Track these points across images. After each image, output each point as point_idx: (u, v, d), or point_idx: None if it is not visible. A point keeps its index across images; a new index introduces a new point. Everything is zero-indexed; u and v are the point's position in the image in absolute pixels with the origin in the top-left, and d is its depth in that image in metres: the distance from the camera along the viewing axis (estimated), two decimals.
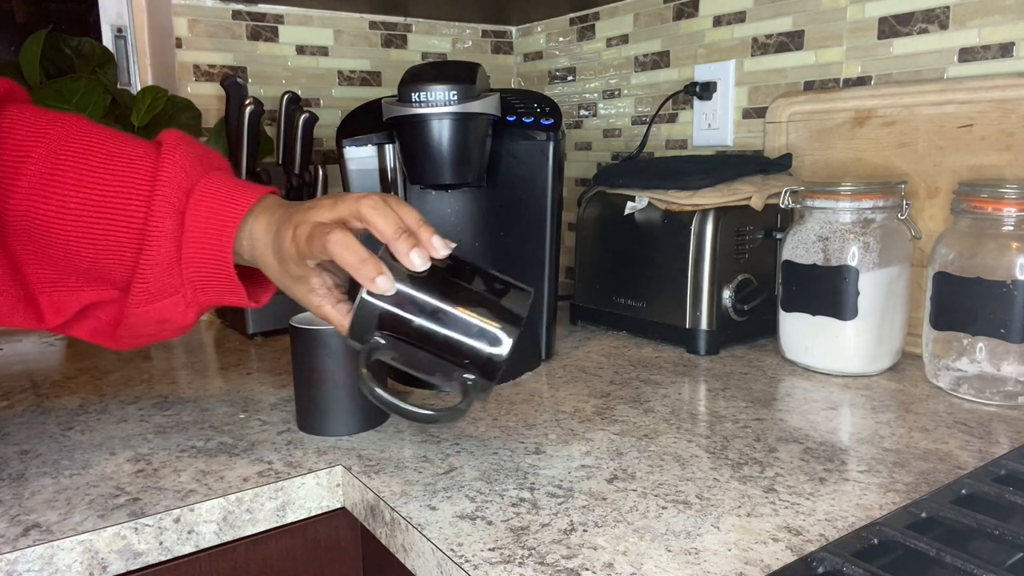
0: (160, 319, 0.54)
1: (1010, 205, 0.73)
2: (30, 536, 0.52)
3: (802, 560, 0.45)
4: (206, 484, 0.60)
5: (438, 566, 0.50)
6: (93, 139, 0.51)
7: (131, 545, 0.55)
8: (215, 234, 0.53)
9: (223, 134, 1.15)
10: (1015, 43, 0.84)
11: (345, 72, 1.34)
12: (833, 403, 0.76)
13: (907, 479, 0.58)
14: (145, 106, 1.11)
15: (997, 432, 0.67)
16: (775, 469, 0.60)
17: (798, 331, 0.87)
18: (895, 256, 0.83)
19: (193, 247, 0.53)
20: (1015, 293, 0.72)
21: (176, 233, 0.52)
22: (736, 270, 0.95)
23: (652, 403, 0.77)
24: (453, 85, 0.80)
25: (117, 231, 0.51)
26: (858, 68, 0.98)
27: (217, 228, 0.53)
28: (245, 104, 1.06)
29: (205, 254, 0.53)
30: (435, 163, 0.83)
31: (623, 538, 0.50)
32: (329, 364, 0.68)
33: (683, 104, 1.22)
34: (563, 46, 1.43)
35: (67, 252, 0.51)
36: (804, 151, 1.03)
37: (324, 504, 0.63)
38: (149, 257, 0.51)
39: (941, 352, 0.79)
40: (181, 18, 1.18)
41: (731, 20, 1.13)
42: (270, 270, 0.55)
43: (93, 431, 0.72)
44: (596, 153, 1.39)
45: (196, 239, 0.53)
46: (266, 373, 0.89)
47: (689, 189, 0.94)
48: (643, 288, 1.00)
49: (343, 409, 0.69)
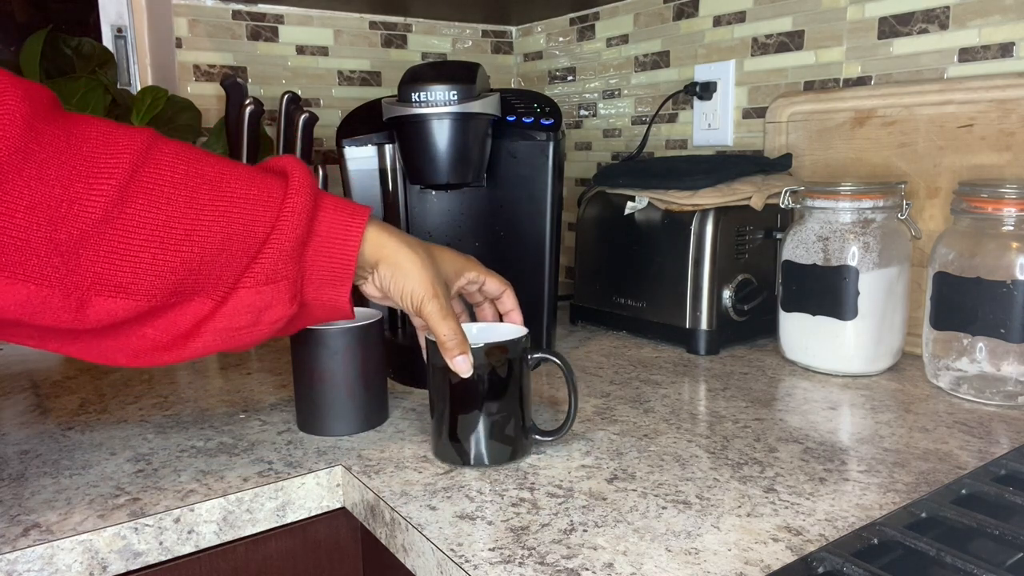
0: (263, 306, 0.52)
1: (1010, 205, 0.73)
2: (30, 536, 0.52)
3: (802, 560, 0.45)
4: (206, 484, 0.60)
5: (438, 566, 0.50)
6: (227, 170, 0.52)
7: (131, 545, 0.55)
8: (342, 228, 0.55)
9: (223, 134, 1.15)
10: (1015, 43, 0.84)
11: (345, 72, 1.34)
12: (833, 403, 0.76)
13: (907, 479, 0.58)
14: (145, 106, 1.11)
15: (997, 432, 0.67)
16: (775, 469, 0.60)
17: (798, 331, 0.87)
18: (895, 256, 0.83)
19: (319, 239, 0.54)
20: (1015, 293, 0.72)
21: (306, 227, 0.53)
22: (736, 270, 0.95)
23: (652, 403, 0.77)
24: (453, 85, 0.80)
25: (246, 229, 0.51)
26: (858, 68, 0.98)
27: (344, 223, 0.55)
28: (245, 104, 1.06)
29: (330, 245, 0.55)
30: (435, 163, 0.83)
31: (623, 538, 0.50)
32: (329, 364, 0.68)
33: (683, 104, 1.22)
34: (563, 46, 1.43)
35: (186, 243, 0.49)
36: (804, 151, 1.03)
37: (324, 504, 0.63)
38: (276, 241, 0.51)
39: (941, 352, 0.79)
40: (181, 18, 1.18)
41: (731, 20, 1.13)
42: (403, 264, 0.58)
43: (93, 431, 0.72)
44: (596, 153, 1.39)
45: (324, 232, 0.54)
46: (266, 373, 0.89)
47: (689, 189, 0.94)
48: (643, 288, 1.00)
49: (343, 409, 0.69)
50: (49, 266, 0.44)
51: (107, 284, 0.45)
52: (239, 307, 0.51)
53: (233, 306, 0.50)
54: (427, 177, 0.85)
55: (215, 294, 0.50)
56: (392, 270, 0.58)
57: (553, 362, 0.64)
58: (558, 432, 0.65)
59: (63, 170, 0.43)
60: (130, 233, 0.46)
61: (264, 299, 0.52)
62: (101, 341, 0.50)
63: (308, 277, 0.55)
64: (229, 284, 0.50)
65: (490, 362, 0.61)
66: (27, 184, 0.42)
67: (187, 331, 0.51)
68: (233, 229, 0.49)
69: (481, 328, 0.68)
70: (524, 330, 0.65)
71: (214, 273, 0.49)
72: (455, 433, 0.62)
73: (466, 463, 0.62)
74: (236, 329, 0.52)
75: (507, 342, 0.62)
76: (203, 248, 0.48)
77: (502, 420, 0.62)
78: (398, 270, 0.58)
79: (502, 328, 0.67)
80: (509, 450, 0.62)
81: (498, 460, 0.62)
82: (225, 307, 0.50)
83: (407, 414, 0.75)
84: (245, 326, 0.52)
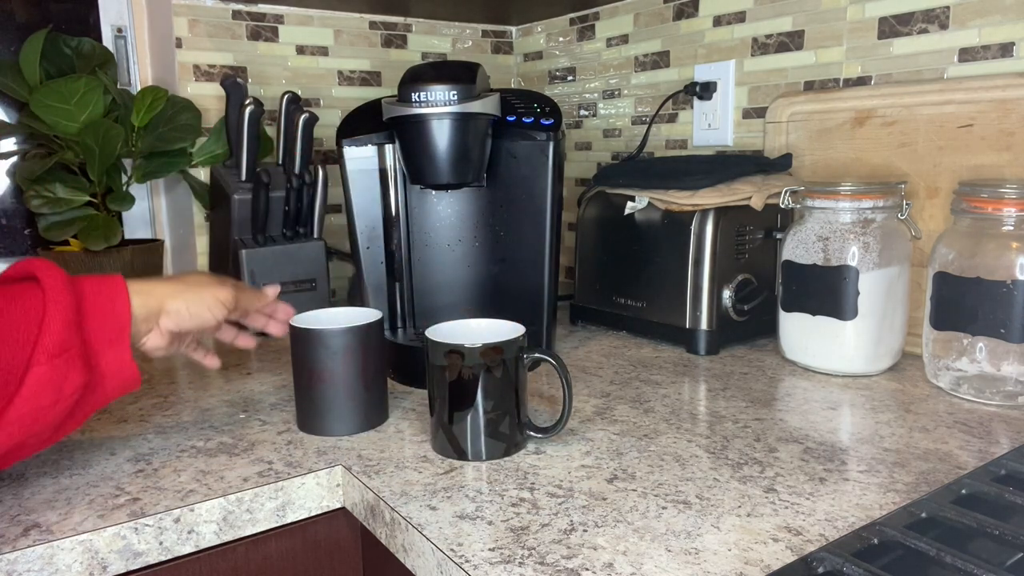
0: (59, 379, 0.55)
1: (1010, 205, 0.73)
2: (30, 536, 0.52)
3: (802, 560, 0.45)
4: (206, 484, 0.60)
5: (438, 566, 0.50)
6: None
7: (131, 545, 0.55)
8: (108, 290, 0.59)
9: (223, 134, 1.15)
10: (1015, 43, 0.84)
11: (345, 72, 1.34)
12: (833, 403, 0.76)
13: (907, 479, 0.58)
14: (145, 106, 1.11)
15: (997, 432, 0.67)
16: (775, 469, 0.60)
17: (798, 331, 0.87)
18: (895, 256, 0.83)
19: (90, 306, 0.58)
20: (1015, 293, 0.72)
21: (74, 299, 0.56)
22: (736, 270, 0.95)
23: (652, 403, 0.77)
24: (453, 85, 0.80)
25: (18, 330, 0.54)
26: (858, 68, 0.98)
27: (107, 286, 0.59)
28: (245, 104, 1.06)
29: (102, 308, 0.58)
30: (435, 163, 0.83)
31: (623, 538, 0.50)
32: (329, 364, 0.68)
33: (683, 104, 1.22)
34: (563, 46, 1.43)
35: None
36: (804, 151, 1.03)
37: (324, 504, 0.63)
38: (54, 317, 0.54)
39: (941, 352, 0.79)
40: (181, 18, 1.18)
41: (731, 20, 1.13)
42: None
43: (93, 431, 0.72)
44: (596, 153, 1.39)
45: (92, 299, 0.58)
46: (266, 373, 0.89)
47: (689, 189, 0.94)
48: (643, 288, 1.00)
49: (343, 409, 0.69)
50: None
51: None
52: (37, 386, 0.53)
53: (31, 387, 0.53)
54: (427, 177, 0.84)
55: (9, 385, 0.52)
56: (181, 304, 0.64)
57: (549, 362, 0.65)
58: (553, 429, 0.66)
59: None
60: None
61: (59, 371, 0.54)
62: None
63: (91, 342, 0.57)
64: (23, 367, 0.53)
65: (486, 361, 0.62)
66: None
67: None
68: (5, 331, 0.52)
69: (480, 327, 0.69)
70: (521, 330, 0.66)
71: (2, 368, 0.52)
72: (452, 429, 0.63)
73: (462, 458, 0.63)
74: (41, 409, 0.54)
75: (502, 343, 0.63)
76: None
77: (497, 417, 0.63)
78: (184, 300, 0.64)
79: (501, 327, 0.68)
80: (503, 446, 0.64)
81: (493, 455, 0.64)
82: (24, 389, 0.53)
83: (407, 414, 0.75)
84: (48, 404, 0.54)
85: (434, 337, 0.64)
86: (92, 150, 1.04)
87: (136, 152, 1.12)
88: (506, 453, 0.64)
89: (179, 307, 0.64)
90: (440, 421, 0.64)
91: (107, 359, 0.58)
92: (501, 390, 0.63)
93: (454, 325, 0.69)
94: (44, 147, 1.10)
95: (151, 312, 0.62)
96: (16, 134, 1.13)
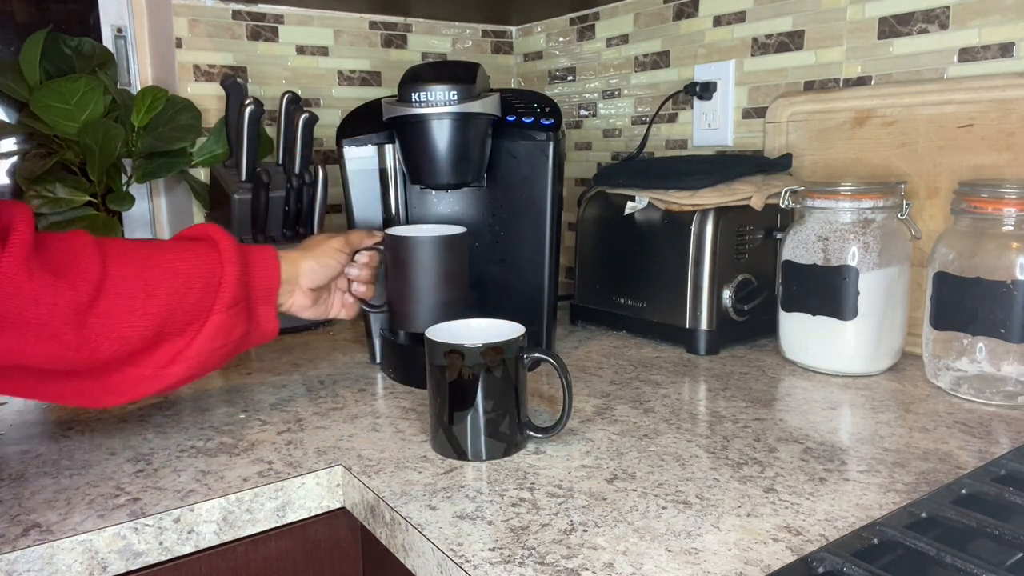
0: (229, 327, 0.67)
1: (1010, 205, 0.73)
2: (30, 536, 0.52)
3: (802, 560, 0.45)
4: (206, 484, 0.60)
5: (438, 566, 0.50)
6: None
7: (131, 545, 0.55)
8: (265, 259, 0.71)
9: (223, 134, 1.15)
10: (1015, 43, 0.84)
11: (345, 72, 1.34)
12: (833, 403, 0.76)
13: (907, 479, 0.58)
14: (145, 106, 1.11)
15: (997, 432, 0.67)
16: (775, 469, 0.60)
17: (798, 331, 0.87)
18: (895, 256, 0.83)
19: (252, 270, 0.70)
20: (1015, 293, 0.72)
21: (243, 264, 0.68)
22: (736, 270, 0.95)
23: (652, 403, 0.77)
24: (453, 85, 0.80)
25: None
26: (858, 68, 0.98)
27: (265, 255, 0.72)
28: (245, 104, 1.06)
29: (260, 272, 0.70)
30: (435, 163, 0.83)
31: (623, 538, 0.50)
32: (418, 267, 0.78)
33: (683, 104, 1.22)
34: (563, 46, 1.43)
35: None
36: (804, 151, 1.03)
37: (324, 504, 0.63)
38: (229, 277, 0.66)
39: (941, 352, 0.79)
40: (181, 18, 1.18)
41: (731, 20, 1.13)
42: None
43: (93, 431, 0.72)
44: (596, 153, 1.39)
45: (253, 265, 0.70)
46: (266, 373, 0.89)
47: (689, 189, 0.94)
48: (643, 288, 1.00)
49: (427, 304, 0.78)
50: (68, 332, 0.57)
51: (107, 338, 0.59)
52: (215, 330, 0.65)
53: (209, 330, 0.65)
54: (427, 177, 0.84)
55: (195, 325, 0.64)
56: (311, 262, 0.75)
57: (549, 362, 0.64)
58: (553, 429, 0.66)
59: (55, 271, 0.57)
60: (117, 301, 0.60)
61: (230, 320, 0.66)
62: (96, 381, 0.62)
63: (251, 298, 0.69)
64: (206, 314, 0.65)
65: (486, 361, 0.62)
66: (37, 283, 0.56)
67: (167, 362, 0.64)
68: (192, 281, 0.64)
69: (480, 327, 0.69)
70: (521, 330, 0.66)
71: (189, 314, 0.63)
72: (452, 429, 0.63)
73: (462, 458, 0.63)
74: (212, 350, 0.65)
75: (503, 343, 0.63)
76: (170, 299, 0.62)
77: (497, 417, 0.63)
78: (312, 257, 0.75)
79: (501, 327, 0.68)
80: (503, 446, 0.64)
81: (493, 455, 0.63)
82: (204, 332, 0.65)
83: (407, 414, 0.75)
84: (219, 346, 0.66)
85: (434, 337, 0.64)
86: (92, 150, 1.04)
87: (136, 152, 1.12)
88: (506, 453, 0.64)
89: (311, 264, 0.74)
90: (440, 421, 0.64)
91: (259, 314, 0.70)
92: (501, 390, 0.63)
93: (454, 325, 0.69)
94: (44, 147, 1.10)
95: (291, 275, 0.73)
96: (16, 134, 1.13)
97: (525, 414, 0.66)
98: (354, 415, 0.75)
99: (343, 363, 0.93)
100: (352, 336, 1.05)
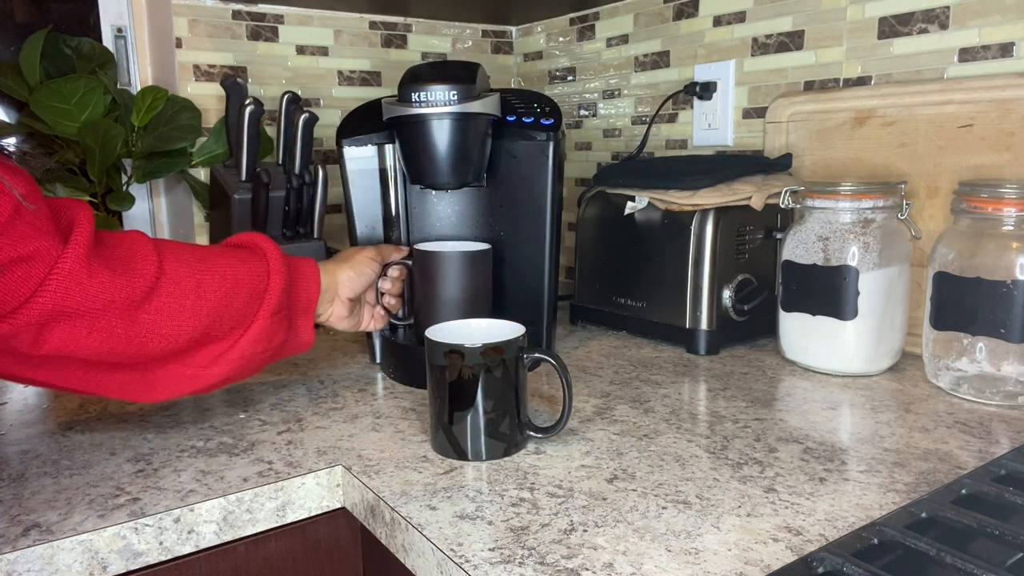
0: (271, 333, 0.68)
1: (1010, 205, 0.73)
2: (30, 536, 0.52)
3: (802, 560, 0.45)
4: (206, 484, 0.60)
5: (438, 566, 0.50)
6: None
7: (131, 545, 0.55)
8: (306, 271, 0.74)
9: (223, 134, 1.15)
10: (1015, 43, 0.84)
11: (345, 72, 1.34)
12: (833, 403, 0.76)
13: (907, 479, 0.58)
14: (145, 106, 1.11)
15: (997, 432, 0.67)
16: (775, 469, 0.60)
17: (798, 331, 0.87)
18: (895, 256, 0.83)
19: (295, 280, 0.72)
20: (1015, 293, 0.72)
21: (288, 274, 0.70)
22: (736, 270, 0.95)
23: (652, 403, 0.77)
24: (453, 85, 0.80)
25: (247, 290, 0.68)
26: (858, 68, 0.98)
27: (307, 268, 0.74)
28: (245, 104, 1.06)
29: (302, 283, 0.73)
30: (435, 163, 0.83)
31: (623, 538, 0.50)
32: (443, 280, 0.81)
33: (683, 104, 1.22)
34: (563, 46, 1.43)
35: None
36: (804, 151, 1.03)
37: (324, 504, 0.63)
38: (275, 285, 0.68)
39: (941, 352, 0.79)
40: (181, 18, 1.18)
41: (731, 20, 1.13)
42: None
43: (93, 431, 0.72)
44: (596, 153, 1.39)
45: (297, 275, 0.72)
46: (266, 373, 0.89)
47: (689, 189, 0.94)
48: (643, 288, 1.00)
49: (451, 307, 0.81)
50: (120, 325, 0.59)
51: (157, 334, 0.61)
52: (258, 334, 0.67)
53: (253, 334, 0.66)
54: (427, 177, 0.84)
55: (239, 329, 0.66)
56: (349, 272, 0.77)
57: (549, 362, 0.64)
58: (553, 429, 0.65)
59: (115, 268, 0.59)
60: (170, 300, 0.61)
61: (272, 327, 0.68)
62: (141, 376, 0.63)
63: (292, 307, 0.71)
64: (250, 319, 0.66)
65: (486, 361, 0.62)
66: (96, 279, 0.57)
67: (209, 362, 0.65)
68: (240, 286, 0.65)
69: (480, 327, 0.69)
70: (521, 329, 0.66)
71: (234, 318, 0.65)
72: (452, 429, 0.63)
73: (462, 458, 0.63)
74: (253, 355, 0.67)
75: (503, 342, 0.63)
76: (218, 301, 0.64)
77: (497, 417, 0.63)
78: (349, 267, 0.78)
79: (501, 327, 0.68)
80: (503, 446, 0.64)
81: (493, 455, 0.63)
82: (247, 336, 0.66)
83: (407, 414, 0.75)
84: (260, 351, 0.67)
85: (434, 337, 0.64)
86: (92, 150, 1.04)
87: (136, 152, 1.12)
88: (506, 453, 0.64)
89: (349, 273, 0.77)
90: (440, 421, 0.64)
91: (298, 324, 0.72)
92: (501, 390, 0.63)
93: (454, 325, 0.69)
94: (44, 147, 1.10)
95: (330, 285, 0.76)
96: (16, 134, 1.13)
97: (525, 414, 0.66)
98: (354, 415, 0.75)
99: (343, 363, 0.93)
100: (352, 336, 1.05)
